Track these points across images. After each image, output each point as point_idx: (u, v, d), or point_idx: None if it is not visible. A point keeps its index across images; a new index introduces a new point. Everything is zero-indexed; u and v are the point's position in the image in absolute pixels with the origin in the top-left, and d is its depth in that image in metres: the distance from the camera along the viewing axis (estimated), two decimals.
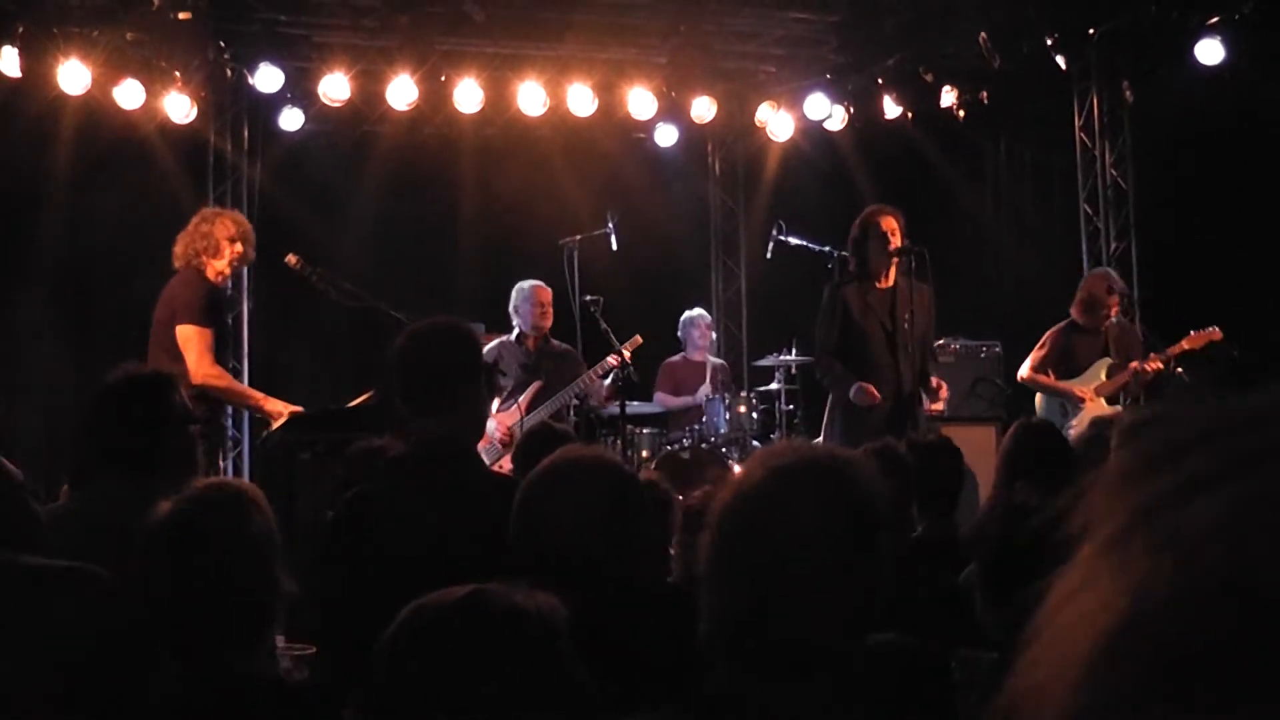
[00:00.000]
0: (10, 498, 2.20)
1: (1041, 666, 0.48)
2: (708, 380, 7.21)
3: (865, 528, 1.37)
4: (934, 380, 5.44)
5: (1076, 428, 5.67)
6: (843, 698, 1.36)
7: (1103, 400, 6.16)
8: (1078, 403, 6.12)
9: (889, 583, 1.38)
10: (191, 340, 4.70)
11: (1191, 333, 6.21)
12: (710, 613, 1.38)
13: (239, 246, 4.97)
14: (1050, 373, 6.25)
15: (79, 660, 1.77)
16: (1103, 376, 6.18)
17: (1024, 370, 6.32)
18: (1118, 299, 6.22)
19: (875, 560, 1.37)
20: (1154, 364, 6.10)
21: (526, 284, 6.46)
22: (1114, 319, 6.26)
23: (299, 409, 4.99)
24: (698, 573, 1.41)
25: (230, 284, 6.28)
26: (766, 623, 1.34)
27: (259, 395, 5.04)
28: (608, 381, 6.27)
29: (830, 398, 5.50)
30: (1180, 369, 6.42)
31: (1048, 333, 6.36)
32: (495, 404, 5.62)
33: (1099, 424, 3.51)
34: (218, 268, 4.94)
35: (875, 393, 5.17)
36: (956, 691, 1.78)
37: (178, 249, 4.97)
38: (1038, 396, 6.38)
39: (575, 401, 6.34)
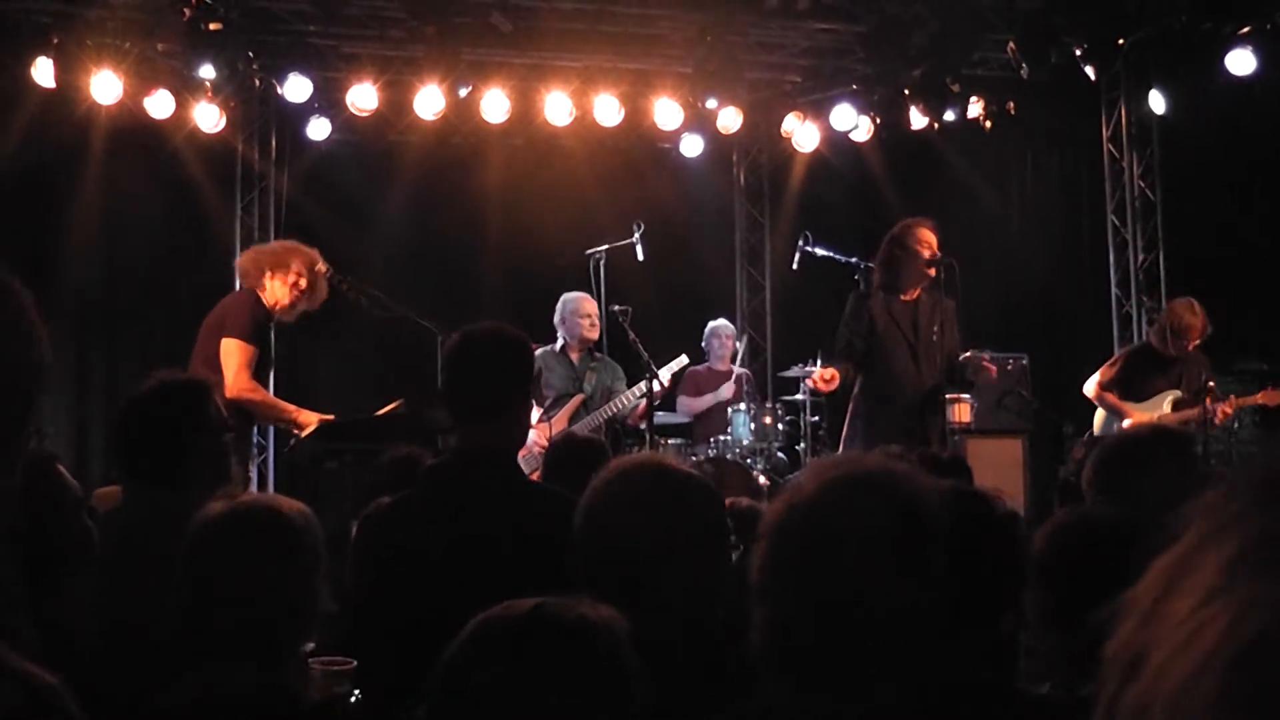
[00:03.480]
0: (69, 514, 2.22)
1: (1167, 676, 0.49)
2: (731, 381, 7.20)
3: (918, 542, 1.36)
4: (983, 359, 5.40)
5: None
6: (895, 713, 1.35)
7: None
8: None
9: (945, 597, 1.36)
10: (233, 354, 4.73)
11: (1270, 388, 6.06)
12: (762, 624, 1.37)
13: (303, 282, 4.93)
14: (1116, 393, 6.15)
15: None
16: (1166, 408, 6.04)
17: (1090, 386, 6.22)
18: (1200, 333, 5.99)
19: (929, 575, 1.36)
20: (1227, 410, 5.93)
21: (573, 296, 6.47)
22: (1193, 350, 6.06)
23: (330, 418, 5.00)
24: (750, 584, 1.40)
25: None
26: (817, 636, 1.33)
27: (292, 408, 5.05)
28: (643, 401, 6.26)
29: (850, 408, 5.49)
30: (1229, 411, 6.25)
31: (1121, 351, 6.28)
32: (535, 414, 5.59)
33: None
34: (276, 292, 4.92)
35: (825, 378, 5.14)
36: None
37: (246, 263, 5.00)
38: (1098, 412, 6.28)
39: (611, 414, 6.34)
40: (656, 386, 5.98)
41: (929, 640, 1.35)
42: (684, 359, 6.29)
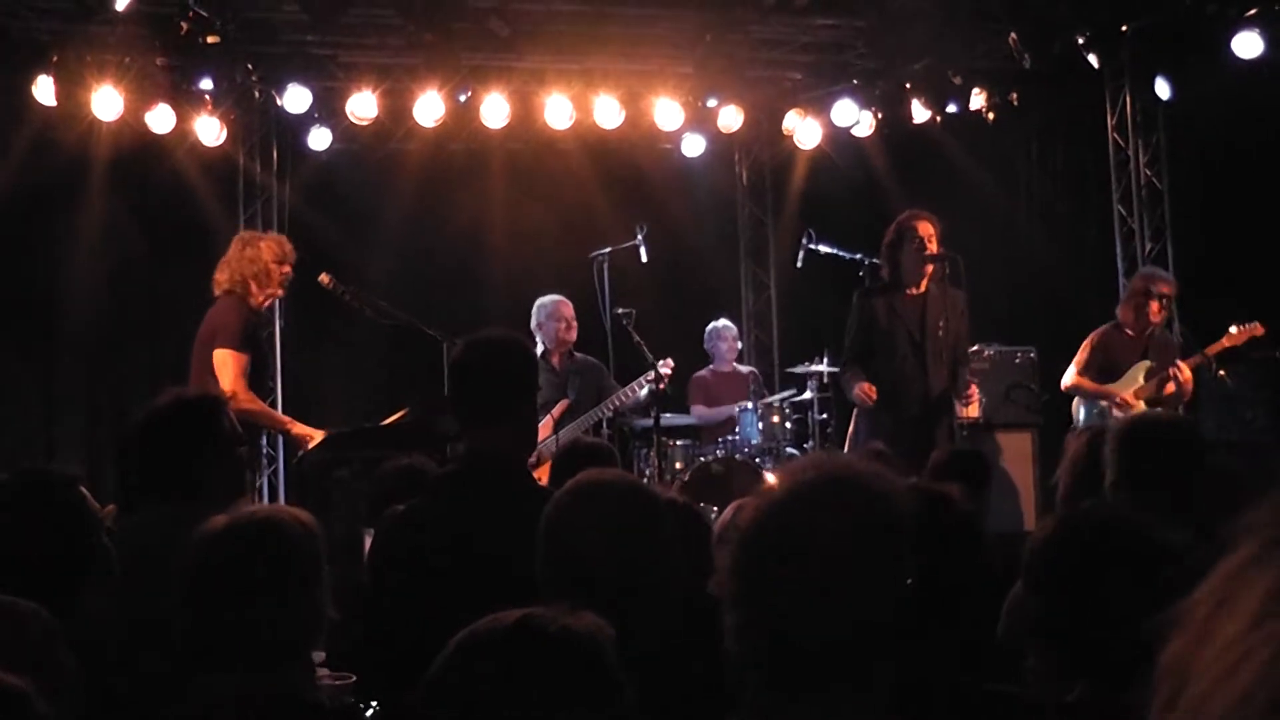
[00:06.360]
0: (90, 535, 2.24)
1: (1208, 706, 0.48)
2: (750, 393, 7.16)
3: (887, 542, 1.36)
4: (964, 381, 5.40)
5: None
6: (865, 715, 1.33)
7: (1143, 404, 6.04)
8: (1124, 408, 5.98)
9: (914, 598, 1.36)
10: (227, 364, 4.77)
11: (1232, 329, 6.08)
12: (732, 629, 1.37)
13: (285, 268, 5.06)
14: (1089, 376, 6.13)
15: None
16: (1140, 380, 6.06)
17: (1067, 378, 6.20)
18: (1158, 301, 6.07)
19: (898, 576, 1.36)
20: (1186, 369, 5.96)
21: (548, 299, 6.44)
22: (1156, 325, 6.13)
23: (324, 432, 5.03)
24: (720, 590, 1.40)
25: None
26: (785, 640, 1.33)
27: (287, 419, 5.11)
28: (644, 393, 6.24)
29: (856, 406, 5.47)
30: (1222, 371, 6.31)
31: (1089, 336, 6.25)
32: None
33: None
34: (269, 291, 5.01)
35: (872, 393, 5.14)
36: None
37: (221, 276, 5.03)
38: (1075, 403, 6.26)
39: (608, 415, 6.32)
40: (659, 375, 5.98)
41: (898, 641, 1.35)
42: (670, 362, 6.23)
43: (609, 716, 1.26)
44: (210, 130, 7.39)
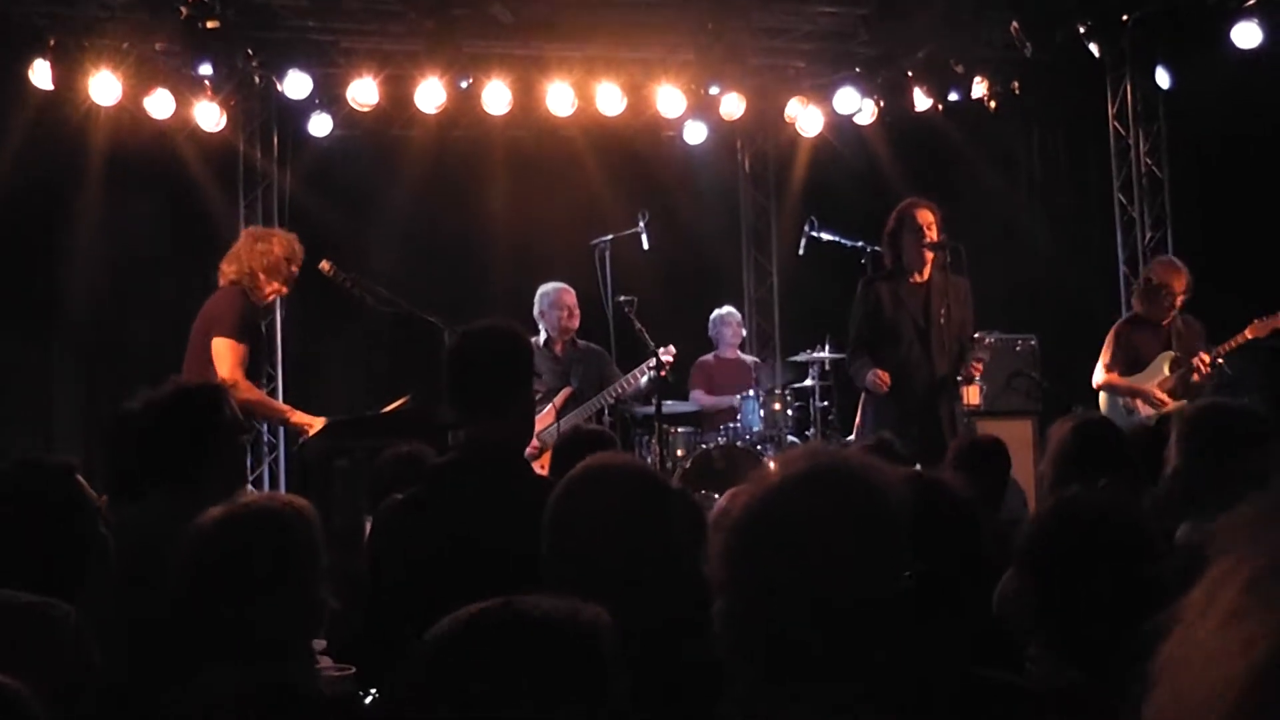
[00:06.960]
0: (88, 523, 2.25)
1: (1182, 696, 0.49)
2: (754, 383, 7.16)
3: (880, 532, 1.36)
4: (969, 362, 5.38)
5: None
6: (861, 703, 1.34)
7: (1170, 399, 5.93)
8: (1157, 405, 5.85)
9: (910, 588, 1.36)
10: (225, 353, 4.76)
11: (1256, 320, 6.01)
12: (724, 617, 1.37)
13: (294, 267, 5.05)
14: (1119, 372, 6.04)
15: None
16: (1165, 370, 5.98)
17: (1097, 377, 6.09)
18: (1177, 295, 5.94)
19: (892, 565, 1.36)
20: (1204, 358, 5.86)
21: (550, 287, 6.46)
22: (1177, 313, 6.01)
23: (324, 420, 5.02)
24: (711, 578, 1.40)
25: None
26: (783, 627, 1.33)
27: (286, 408, 5.11)
28: (645, 380, 6.27)
29: (862, 395, 5.48)
30: (1221, 360, 6.30)
31: (1111, 330, 6.20)
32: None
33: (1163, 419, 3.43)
34: (276, 287, 4.99)
35: (886, 379, 5.16)
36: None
37: (229, 267, 5.01)
38: (1102, 398, 6.19)
39: (610, 402, 6.33)
40: (661, 362, 5.99)
41: (892, 631, 1.35)
42: (672, 349, 6.23)
43: (597, 700, 1.25)
44: (210, 116, 7.37)
